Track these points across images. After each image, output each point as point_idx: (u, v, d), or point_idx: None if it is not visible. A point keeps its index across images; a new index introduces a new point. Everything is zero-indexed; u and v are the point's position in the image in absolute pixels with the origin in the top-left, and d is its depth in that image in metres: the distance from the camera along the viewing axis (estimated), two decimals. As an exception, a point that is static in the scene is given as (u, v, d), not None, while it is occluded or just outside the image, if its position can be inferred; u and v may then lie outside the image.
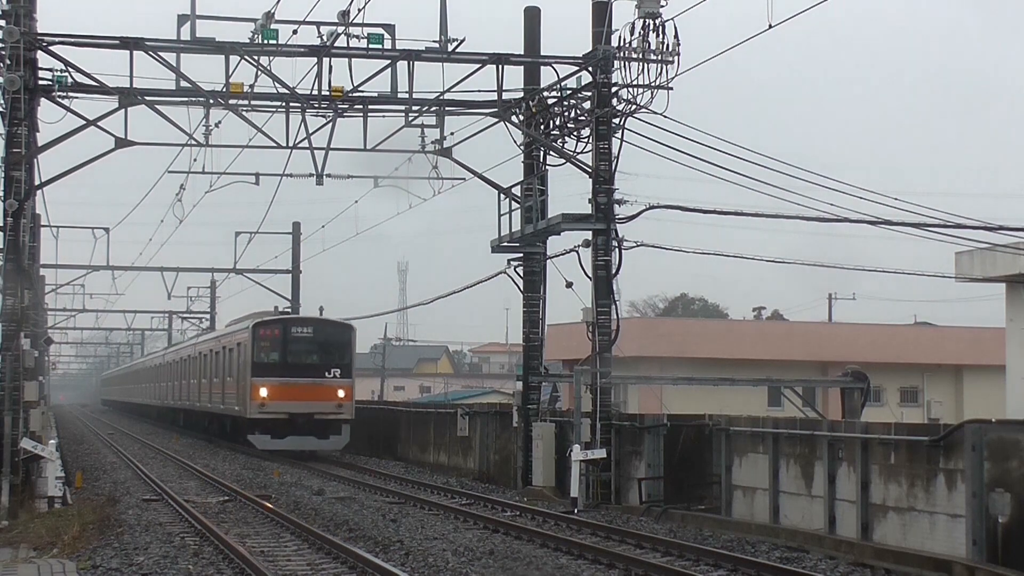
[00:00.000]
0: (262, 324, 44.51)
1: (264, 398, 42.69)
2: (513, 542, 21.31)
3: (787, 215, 28.69)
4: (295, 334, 43.95)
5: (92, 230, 55.27)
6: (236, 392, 45.63)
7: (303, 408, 42.68)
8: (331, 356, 43.78)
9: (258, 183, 37.73)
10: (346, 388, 43.44)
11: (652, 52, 27.77)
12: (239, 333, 46.56)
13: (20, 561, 18.98)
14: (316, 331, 44.26)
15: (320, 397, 42.89)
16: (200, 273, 74.18)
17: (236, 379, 45.90)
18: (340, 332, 44.61)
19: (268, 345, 43.83)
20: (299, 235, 64.46)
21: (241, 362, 44.94)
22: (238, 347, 45.87)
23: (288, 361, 43.58)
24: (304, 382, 43.03)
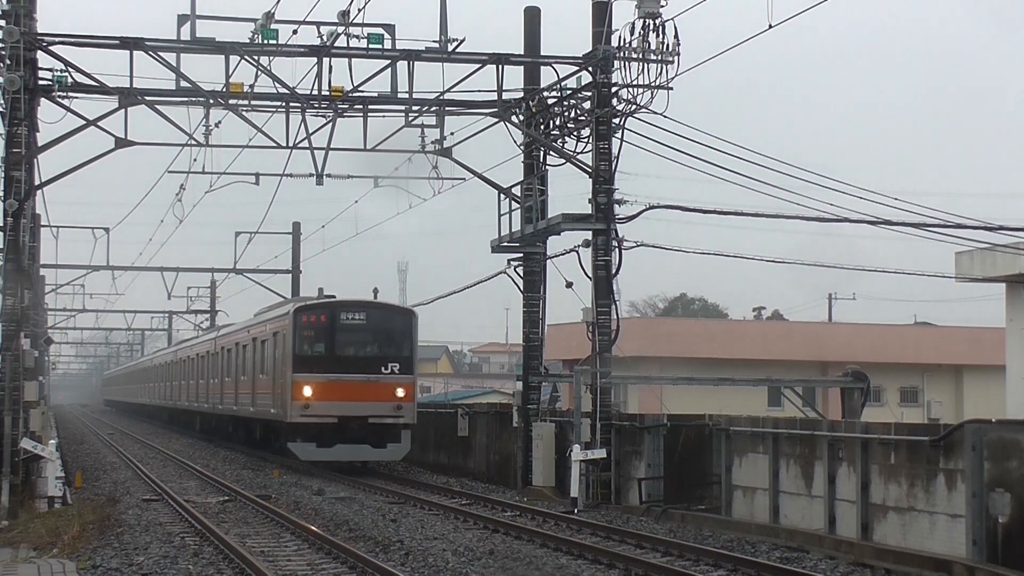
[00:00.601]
0: (305, 309, 37.00)
1: (308, 398, 35.54)
2: (513, 542, 21.31)
3: (787, 215, 28.70)
4: (346, 321, 36.61)
5: (92, 230, 55.33)
6: (272, 392, 38.69)
7: (355, 410, 35.74)
8: (389, 347, 36.78)
9: (258, 183, 37.73)
10: (407, 386, 36.36)
11: (652, 52, 27.77)
12: (276, 321, 39.27)
13: (20, 561, 18.98)
14: (371, 317, 36.89)
15: (376, 397, 35.94)
16: (200, 273, 74.24)
17: (272, 376, 38.86)
18: (399, 319, 37.50)
19: (313, 334, 36.61)
20: (299, 235, 64.49)
21: (279, 356, 37.99)
22: (274, 338, 38.87)
23: (337, 354, 36.45)
24: (356, 379, 36.05)
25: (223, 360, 48.84)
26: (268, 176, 37.38)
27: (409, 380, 36.36)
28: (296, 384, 35.84)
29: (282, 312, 38.75)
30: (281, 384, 37.09)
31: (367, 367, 36.18)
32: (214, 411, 51.65)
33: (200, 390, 55.56)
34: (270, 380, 38.95)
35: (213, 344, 52.59)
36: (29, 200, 29.06)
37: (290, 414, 35.69)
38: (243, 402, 43.61)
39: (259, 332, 41.63)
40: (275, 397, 37.98)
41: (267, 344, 39.88)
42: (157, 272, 68.69)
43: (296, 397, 35.65)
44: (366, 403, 35.78)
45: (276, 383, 37.92)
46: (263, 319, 42.46)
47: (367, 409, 35.74)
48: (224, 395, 48.04)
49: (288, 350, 36.46)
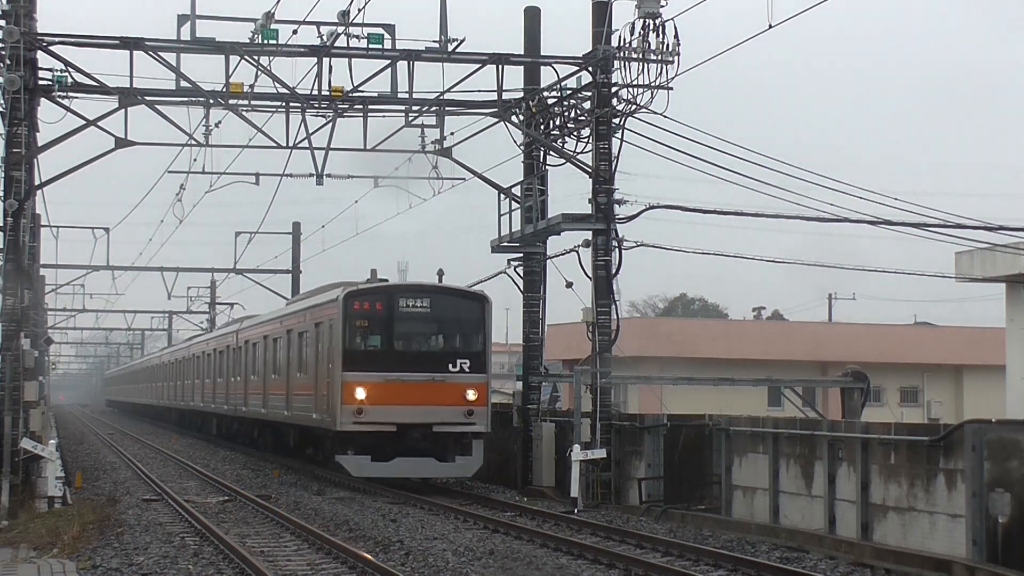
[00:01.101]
0: (357, 294, 30.91)
1: (361, 402, 29.88)
2: (513, 542, 21.31)
3: (787, 215, 28.72)
4: (406, 309, 30.79)
5: (92, 230, 55.43)
6: (313, 393, 33.08)
7: (418, 416, 29.98)
8: (457, 340, 31.19)
9: (258, 183, 37.81)
10: (479, 387, 30.48)
11: (652, 52, 27.78)
12: (318, 310, 33.36)
13: (20, 561, 18.98)
14: (436, 304, 31.09)
15: (442, 400, 30.23)
16: (200, 273, 74.21)
17: (314, 375, 33.33)
18: (469, 305, 31.33)
19: (367, 324, 30.84)
20: (299, 235, 64.50)
21: (323, 350, 32.41)
22: (316, 329, 33.27)
23: (396, 348, 30.75)
24: (419, 379, 30.22)
25: (247, 356, 43.82)
26: (268, 176, 37.45)
27: (482, 380, 30.62)
28: (347, 385, 30.01)
29: (327, 299, 32.60)
30: (327, 385, 31.55)
31: (431, 364, 30.54)
32: (235, 414, 46.51)
33: (218, 390, 50.53)
34: (310, 380, 33.60)
35: (235, 338, 47.17)
36: (29, 200, 29.07)
37: (340, 421, 30.04)
38: (274, 405, 38.40)
39: (295, 323, 36.18)
40: (318, 400, 32.52)
41: (306, 337, 34.54)
42: (157, 272, 68.71)
43: (347, 401, 29.95)
44: (431, 408, 30.07)
45: (320, 383, 32.39)
46: (301, 307, 36.49)
47: (432, 415, 30.08)
48: (249, 396, 42.90)
49: (336, 344, 30.70)
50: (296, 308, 37.48)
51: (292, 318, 36.93)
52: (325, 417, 31.44)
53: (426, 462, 30.27)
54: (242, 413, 44.76)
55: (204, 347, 56.36)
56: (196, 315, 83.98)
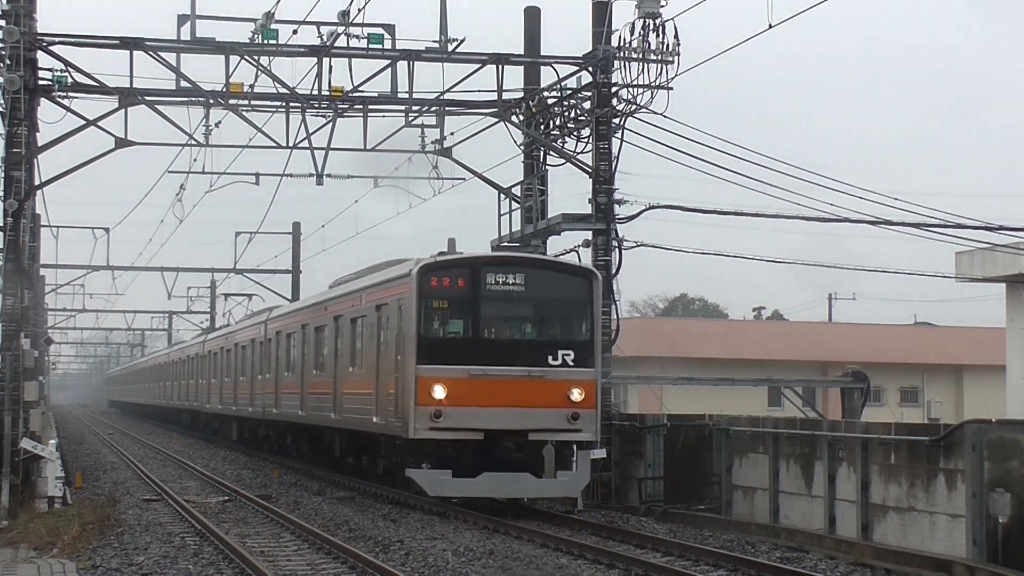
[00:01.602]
0: (435, 268, 25.25)
1: (440, 402, 24.51)
2: (513, 542, 21.30)
3: (787, 215, 28.75)
4: (495, 287, 25.19)
5: (92, 230, 55.46)
6: (373, 392, 27.41)
7: (510, 421, 24.60)
8: (559, 326, 25.82)
9: (258, 183, 37.78)
10: (586, 385, 24.96)
11: (652, 52, 27.78)
12: (382, 289, 27.54)
13: (20, 561, 18.99)
14: (532, 282, 25.40)
15: (540, 401, 24.77)
16: (200, 273, 74.26)
17: (375, 370, 27.41)
18: (574, 283, 25.74)
19: (446, 306, 25.40)
20: (299, 235, 64.49)
21: (388, 339, 26.73)
22: (378, 314, 27.39)
23: (483, 336, 25.23)
24: (512, 375, 24.78)
25: (279, 350, 38.36)
26: (268, 176, 37.41)
27: (589, 376, 25.09)
28: (422, 382, 24.61)
29: (394, 275, 26.83)
30: (394, 381, 25.97)
31: (527, 356, 25.07)
32: (265, 416, 40.64)
33: (241, 390, 45.03)
34: (368, 376, 27.99)
35: (262, 330, 41.66)
36: (29, 200, 29.07)
37: (413, 426, 24.51)
38: (316, 406, 32.96)
39: (347, 308, 30.41)
40: (381, 400, 26.92)
41: (363, 324, 28.97)
42: (157, 272, 68.78)
43: (422, 401, 24.52)
44: (526, 410, 24.66)
45: (383, 380, 26.90)
46: (353, 289, 30.53)
47: (528, 419, 24.66)
48: (281, 397, 37.48)
49: (408, 330, 25.12)
50: (347, 290, 31.24)
51: (341, 302, 31.05)
52: (391, 421, 25.82)
53: (521, 479, 24.62)
54: (272, 416, 38.95)
55: (223, 342, 50.53)
56: (196, 315, 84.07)
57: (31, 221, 30.52)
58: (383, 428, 26.73)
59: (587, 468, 25.49)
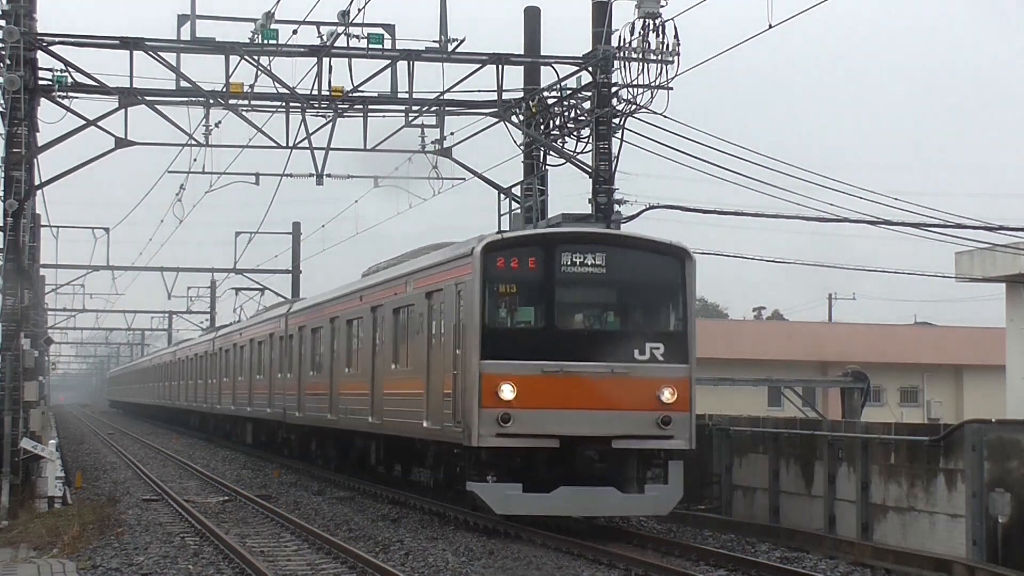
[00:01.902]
0: (501, 246, 21.81)
1: (508, 403, 21.06)
2: (513, 542, 21.30)
3: (787, 215, 28.75)
4: (573, 268, 21.71)
5: (92, 230, 55.52)
6: (426, 393, 23.80)
7: (591, 426, 21.27)
8: (646, 314, 22.42)
9: (258, 183, 37.76)
10: (678, 384, 21.65)
11: (652, 52, 27.78)
12: (438, 272, 23.75)
13: (20, 561, 19.00)
14: (616, 261, 21.96)
15: (626, 402, 21.40)
16: (200, 273, 74.33)
17: (426, 367, 23.88)
18: (665, 264, 22.24)
19: (514, 291, 21.88)
20: (299, 235, 64.51)
21: (446, 330, 22.96)
22: (430, 301, 23.89)
23: (558, 325, 21.82)
24: (593, 371, 21.38)
25: (302, 347, 35.28)
26: (268, 176, 37.39)
27: (682, 373, 21.73)
28: (487, 380, 21.13)
29: (452, 256, 23.17)
30: (452, 379, 22.37)
31: (610, 349, 21.60)
32: (285, 419, 37.47)
33: (256, 390, 42.27)
34: (417, 374, 24.48)
35: (282, 324, 38.62)
36: (29, 200, 29.07)
37: (477, 432, 21.06)
38: (349, 409, 29.70)
39: (388, 297, 26.87)
40: (432, 402, 23.50)
41: (409, 314, 25.42)
42: (157, 272, 68.84)
43: (487, 402, 21.07)
44: (609, 413, 21.29)
45: (435, 378, 23.41)
46: (399, 274, 26.61)
47: (611, 424, 21.31)
48: (306, 398, 34.42)
49: (471, 319, 21.56)
50: (387, 276, 27.61)
51: (381, 290, 27.56)
52: (447, 427, 22.43)
53: (603, 494, 21.25)
54: (295, 419, 35.75)
55: (236, 338, 47.40)
56: (196, 315, 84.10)
57: (31, 221, 30.53)
58: (436, 434, 23.28)
59: (679, 481, 21.66)
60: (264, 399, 40.62)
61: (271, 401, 39.48)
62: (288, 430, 38.64)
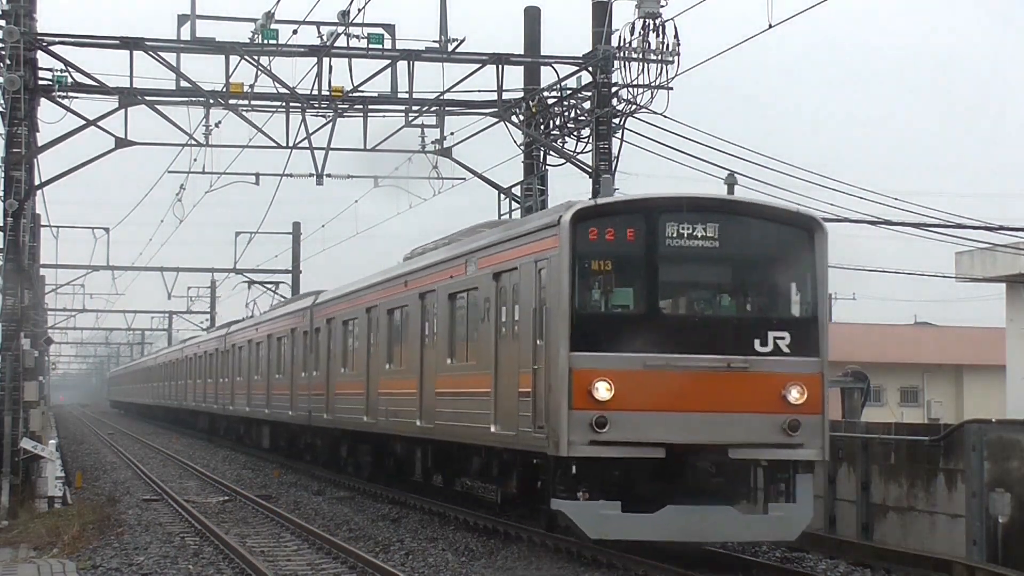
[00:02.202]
0: (594, 215, 18.28)
1: (604, 405, 17.64)
2: (512, 543, 21.29)
3: (787, 215, 28.67)
4: (680, 242, 18.25)
5: (92, 230, 55.63)
6: (495, 392, 20.33)
7: (704, 431, 17.91)
8: (769, 298, 18.91)
9: (258, 183, 37.81)
10: (808, 380, 18.14)
11: (652, 52, 27.79)
12: (511, 247, 20.14)
13: (20, 561, 18.99)
14: (731, 233, 18.49)
15: (745, 403, 18.00)
16: (200, 273, 74.39)
17: (494, 361, 20.43)
18: (790, 236, 18.72)
19: (610, 269, 18.26)
20: (299, 235, 64.54)
21: (522, 318, 19.40)
22: (498, 284, 20.44)
23: (663, 311, 18.46)
24: (705, 366, 17.99)
25: (332, 341, 32.09)
26: (268, 176, 37.44)
27: (812, 368, 18.19)
28: (578, 376, 17.61)
29: (531, 228, 19.42)
30: (531, 376, 18.67)
31: (725, 340, 18.11)
32: (311, 423, 34.15)
33: (275, 390, 39.43)
34: (482, 369, 20.89)
35: (305, 318, 35.15)
36: (29, 200, 29.09)
37: (566, 439, 17.50)
38: (390, 411, 26.26)
39: (441, 280, 23.28)
40: (501, 403, 20.05)
41: (470, 300, 21.88)
42: (157, 272, 68.94)
43: (578, 403, 17.54)
44: (725, 416, 17.83)
45: (505, 375, 19.94)
46: (457, 253, 22.89)
47: (728, 429, 17.84)
48: (336, 398, 30.99)
49: (559, 302, 17.92)
50: (440, 257, 23.90)
51: (432, 273, 23.99)
52: (524, 432, 18.85)
53: (719, 515, 17.81)
54: (322, 422, 32.60)
55: (252, 334, 44.44)
56: (196, 315, 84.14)
57: (31, 221, 30.58)
58: (508, 441, 19.76)
59: (809, 499, 18.28)
60: (284, 400, 37.42)
61: (293, 403, 36.21)
62: (313, 434, 35.55)
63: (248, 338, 44.97)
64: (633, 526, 17.64)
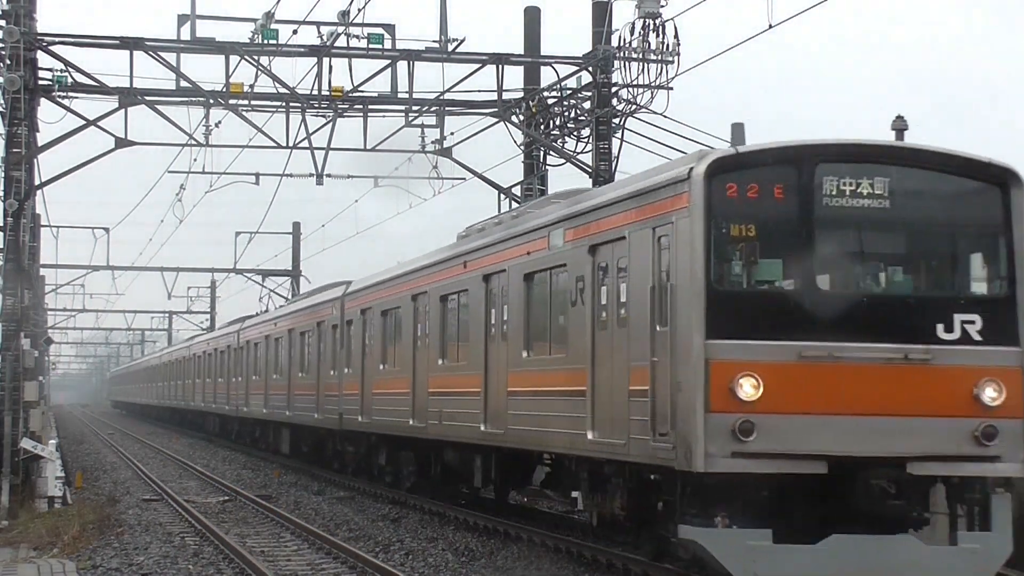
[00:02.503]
0: (733, 166, 14.56)
1: (749, 407, 14.06)
2: (512, 543, 21.30)
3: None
4: (840, 199, 14.60)
5: (92, 230, 55.67)
6: (592, 391, 16.92)
7: (874, 440, 14.24)
8: (953, 272, 15.25)
9: (258, 183, 37.84)
10: (1005, 376, 14.48)
11: (652, 52, 27.79)
12: (625, 208, 16.22)
13: (20, 561, 18.99)
14: (904, 190, 14.78)
15: (925, 404, 14.38)
16: (200, 273, 74.40)
17: (590, 353, 16.99)
18: (977, 196, 15.07)
19: (753, 235, 14.47)
20: (299, 235, 64.55)
21: (633, 299, 15.89)
22: (595, 259, 16.97)
23: (819, 288, 14.75)
24: (875, 356, 14.36)
25: (367, 334, 29.01)
26: (268, 176, 37.45)
27: (1012, 360, 14.69)
28: (717, 370, 14.25)
29: (652, 184, 15.70)
30: (649, 371, 15.20)
31: (899, 324, 14.64)
32: (342, 426, 30.90)
33: (295, 390, 36.38)
34: (572, 363, 17.55)
35: (335, 310, 31.78)
36: (29, 200, 29.09)
37: (702, 450, 14.13)
38: (443, 413, 23.06)
39: (513, 258, 20.03)
40: (600, 404, 16.67)
41: (554, 280, 18.55)
42: (157, 272, 68.97)
43: (717, 404, 14.16)
44: (901, 421, 14.38)
45: (608, 369, 16.53)
46: (534, 225, 19.32)
47: (905, 437, 14.38)
48: (373, 399, 28.00)
49: (691, 276, 14.49)
50: (514, 232, 20.21)
51: (501, 250, 20.57)
52: (641, 440, 15.31)
53: (900, 545, 14.32)
54: (355, 426, 29.72)
55: (269, 329, 41.39)
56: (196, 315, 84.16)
57: (31, 221, 30.57)
58: (614, 452, 16.20)
59: (1008, 527, 14.63)
60: (309, 401, 34.15)
61: (319, 404, 32.97)
62: (344, 439, 32.22)
63: (265, 333, 41.72)
64: (790, 561, 14.02)
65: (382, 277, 28.53)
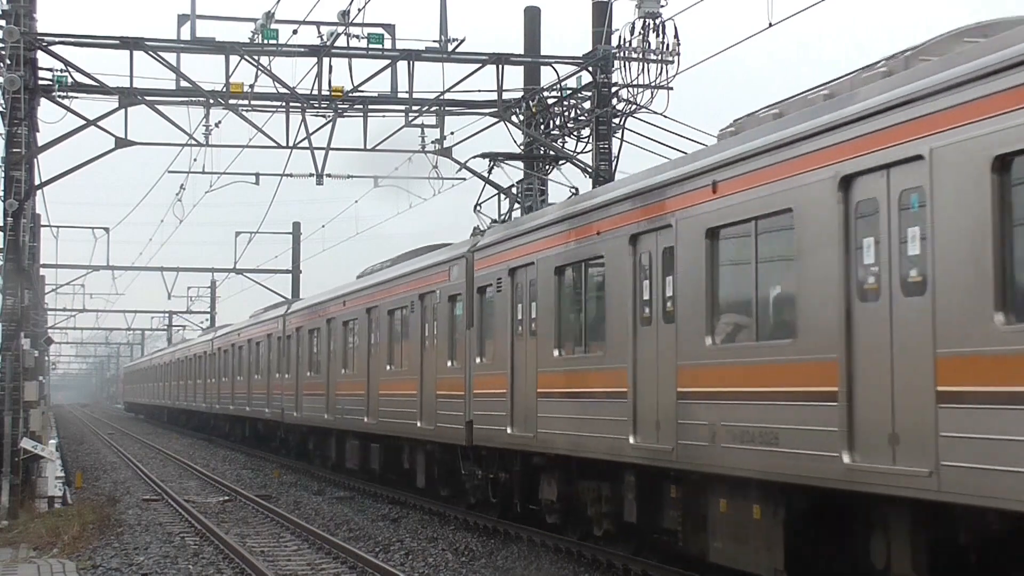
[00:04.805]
0: None
1: None
2: (512, 542, 21.31)
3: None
4: None
5: (92, 230, 55.66)
6: (850, 392, 11.17)
7: None
8: None
9: (258, 183, 37.87)
10: None
11: (652, 52, 27.80)
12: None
13: (20, 561, 19.00)
14: None
15: None
16: (200, 273, 74.56)
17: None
18: None
19: None
20: (299, 235, 64.60)
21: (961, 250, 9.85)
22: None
23: None
24: None
25: (439, 322, 23.91)
26: (268, 176, 37.46)
27: None
28: None
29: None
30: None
31: None
32: (413, 433, 25.07)
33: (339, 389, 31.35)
34: (814, 352, 11.82)
35: (453, 272, 23.51)
36: (29, 200, 29.08)
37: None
38: (563, 423, 17.81)
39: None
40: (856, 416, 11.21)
41: (801, 231, 12.29)
42: (157, 272, 69.05)
43: None
44: None
45: (884, 364, 10.84)
46: (698, 168, 14.51)
47: None
48: (480, 402, 21.57)
49: None
50: (672, 175, 15.25)
51: (664, 197, 15.27)
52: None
53: None
54: (425, 434, 24.54)
55: (329, 310, 33.10)
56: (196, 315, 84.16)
57: (31, 221, 30.56)
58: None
59: None
60: (359, 403, 29.01)
61: (370, 408, 28.02)
62: (416, 453, 26.15)
63: (328, 316, 33.06)
64: None
65: (456, 252, 23.79)
